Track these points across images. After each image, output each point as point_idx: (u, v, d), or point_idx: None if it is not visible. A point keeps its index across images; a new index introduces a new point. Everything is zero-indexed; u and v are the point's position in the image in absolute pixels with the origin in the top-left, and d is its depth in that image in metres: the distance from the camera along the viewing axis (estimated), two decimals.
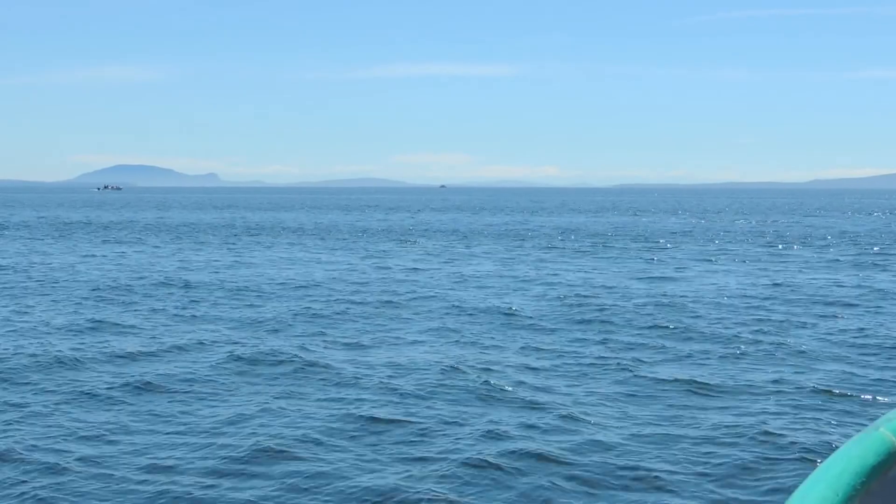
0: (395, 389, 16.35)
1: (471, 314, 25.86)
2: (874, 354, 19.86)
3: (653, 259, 46.17)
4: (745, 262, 44.37)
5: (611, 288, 32.52)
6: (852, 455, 2.32)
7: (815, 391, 16.37)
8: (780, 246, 56.04)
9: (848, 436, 2.55)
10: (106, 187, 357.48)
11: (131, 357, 19.38)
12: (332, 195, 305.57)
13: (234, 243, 58.27)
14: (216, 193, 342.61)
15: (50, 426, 14.13)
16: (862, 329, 23.10)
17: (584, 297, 29.65)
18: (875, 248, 53.89)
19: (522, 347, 20.73)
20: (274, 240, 62.42)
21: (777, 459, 12.69)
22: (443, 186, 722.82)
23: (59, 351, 19.81)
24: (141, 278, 35.32)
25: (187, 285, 32.95)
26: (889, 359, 19.47)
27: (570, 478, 11.82)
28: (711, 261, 45.01)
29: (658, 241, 61.08)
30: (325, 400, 15.79)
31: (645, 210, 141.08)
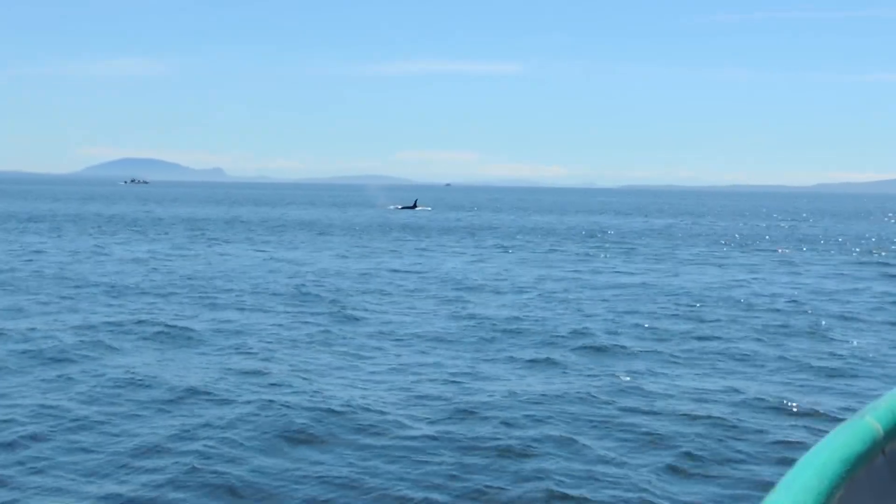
0: None
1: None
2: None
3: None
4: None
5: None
6: (838, 444, 2.34)
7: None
8: None
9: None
10: (133, 181, 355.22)
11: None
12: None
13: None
14: (291, 189, 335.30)
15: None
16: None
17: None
18: None
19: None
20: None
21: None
22: (448, 185, 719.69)
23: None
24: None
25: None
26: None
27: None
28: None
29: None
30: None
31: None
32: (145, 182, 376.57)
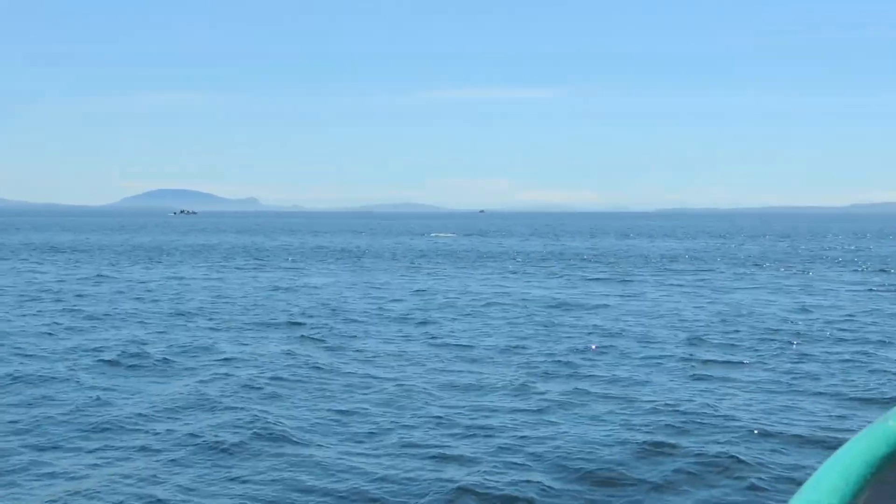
0: None
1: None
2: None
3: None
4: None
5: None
6: (862, 446, 2.39)
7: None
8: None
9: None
10: (182, 211, 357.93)
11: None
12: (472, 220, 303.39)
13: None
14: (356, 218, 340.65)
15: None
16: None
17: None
18: None
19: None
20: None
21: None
22: (482, 211, 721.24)
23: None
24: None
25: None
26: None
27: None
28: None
29: None
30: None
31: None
32: (194, 213, 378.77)
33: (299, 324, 28.13)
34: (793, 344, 23.70)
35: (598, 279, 47.25)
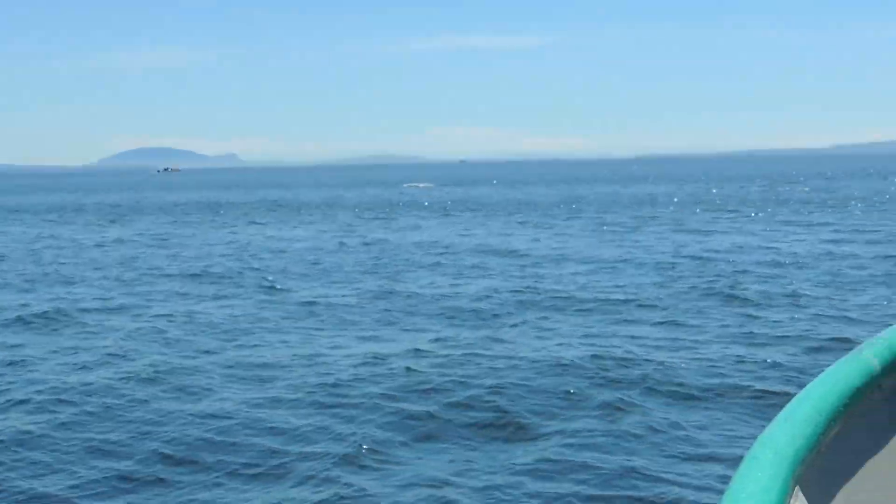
0: None
1: None
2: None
3: None
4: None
5: None
6: (836, 378, 2.41)
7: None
8: None
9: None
10: (166, 169, 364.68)
11: None
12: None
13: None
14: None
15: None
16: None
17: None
18: None
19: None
20: None
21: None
22: (462, 161, 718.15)
23: None
24: None
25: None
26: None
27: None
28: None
29: None
30: None
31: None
32: (177, 170, 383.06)
33: (246, 278, 27.25)
34: (755, 288, 22.91)
35: (567, 225, 46.55)
